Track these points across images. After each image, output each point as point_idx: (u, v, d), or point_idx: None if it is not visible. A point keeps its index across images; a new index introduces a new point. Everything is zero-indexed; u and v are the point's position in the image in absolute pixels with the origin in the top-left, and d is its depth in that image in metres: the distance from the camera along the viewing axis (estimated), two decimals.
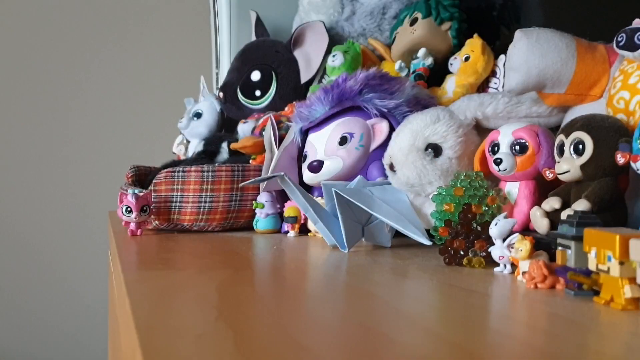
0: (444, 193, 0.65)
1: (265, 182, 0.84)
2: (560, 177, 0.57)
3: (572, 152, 0.55)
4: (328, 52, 1.04)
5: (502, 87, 0.85)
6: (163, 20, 1.89)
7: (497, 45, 0.92)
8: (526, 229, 0.62)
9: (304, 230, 0.84)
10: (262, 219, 0.87)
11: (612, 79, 0.61)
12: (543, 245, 0.54)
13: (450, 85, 0.88)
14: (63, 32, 1.84)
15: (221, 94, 1.10)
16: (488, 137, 0.67)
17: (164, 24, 1.89)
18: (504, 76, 0.85)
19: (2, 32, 1.81)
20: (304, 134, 0.88)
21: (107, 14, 1.87)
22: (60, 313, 1.83)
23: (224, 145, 1.02)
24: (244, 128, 1.02)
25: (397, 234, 0.72)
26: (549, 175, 0.59)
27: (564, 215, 0.53)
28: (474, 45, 0.87)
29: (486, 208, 0.62)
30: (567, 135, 0.56)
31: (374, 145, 0.82)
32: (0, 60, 1.81)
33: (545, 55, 0.62)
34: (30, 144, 1.83)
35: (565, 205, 0.56)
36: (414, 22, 0.96)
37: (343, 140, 0.82)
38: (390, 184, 0.74)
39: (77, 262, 1.83)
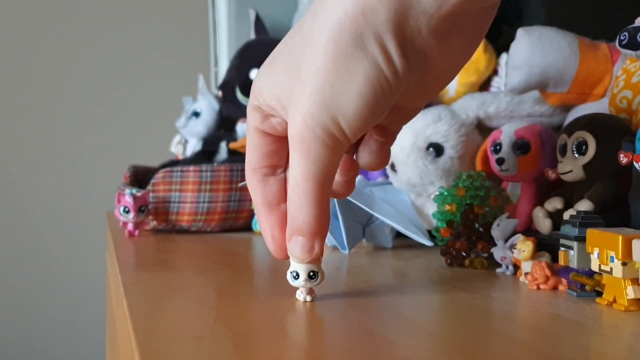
0: (445, 193, 0.64)
1: None
2: (562, 177, 0.56)
3: (575, 151, 0.55)
4: None
5: (504, 85, 0.84)
6: (161, 19, 1.88)
7: (499, 43, 0.91)
8: (528, 230, 0.62)
9: None
10: None
11: (615, 77, 0.61)
12: (545, 246, 0.54)
13: (452, 84, 0.87)
14: (60, 30, 1.83)
15: (220, 93, 1.10)
16: (490, 137, 0.67)
17: (162, 22, 1.88)
18: (506, 75, 0.84)
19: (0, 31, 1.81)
20: None
21: (104, 12, 1.86)
22: (57, 314, 1.82)
23: (223, 144, 1.01)
24: (243, 127, 1.01)
25: (398, 235, 0.71)
26: (551, 175, 0.58)
27: (566, 215, 0.53)
28: None
29: (488, 208, 0.61)
30: (569, 135, 0.56)
31: None
32: None
33: (548, 53, 0.62)
34: (26, 143, 1.83)
35: (568, 205, 0.56)
36: None
37: None
38: (391, 184, 0.74)
39: (75, 263, 1.83)
